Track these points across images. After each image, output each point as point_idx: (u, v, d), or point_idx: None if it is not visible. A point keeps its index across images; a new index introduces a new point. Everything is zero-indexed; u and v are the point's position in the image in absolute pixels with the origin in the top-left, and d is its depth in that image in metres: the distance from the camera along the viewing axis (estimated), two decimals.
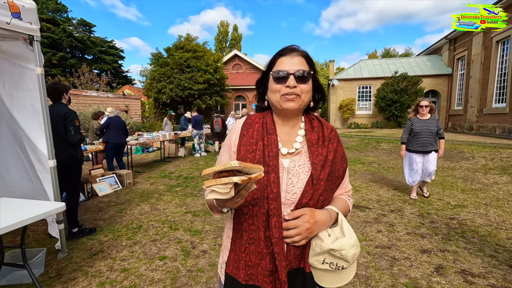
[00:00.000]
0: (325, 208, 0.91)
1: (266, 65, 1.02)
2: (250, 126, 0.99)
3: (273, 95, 0.95)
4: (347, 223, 0.91)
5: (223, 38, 39.27)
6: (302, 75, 0.91)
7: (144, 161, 8.80)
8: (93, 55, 28.99)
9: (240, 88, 23.17)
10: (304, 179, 0.90)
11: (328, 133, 0.98)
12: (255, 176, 0.71)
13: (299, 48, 0.97)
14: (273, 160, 0.89)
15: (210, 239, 3.25)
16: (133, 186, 5.63)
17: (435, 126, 4.31)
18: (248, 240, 0.90)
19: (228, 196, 0.70)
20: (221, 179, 0.68)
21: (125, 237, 3.32)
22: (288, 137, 0.98)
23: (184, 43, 18.68)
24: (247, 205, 0.89)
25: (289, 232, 0.85)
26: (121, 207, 4.37)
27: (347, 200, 1.03)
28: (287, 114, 0.97)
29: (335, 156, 0.95)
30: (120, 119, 6.20)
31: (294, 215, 0.86)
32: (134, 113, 15.02)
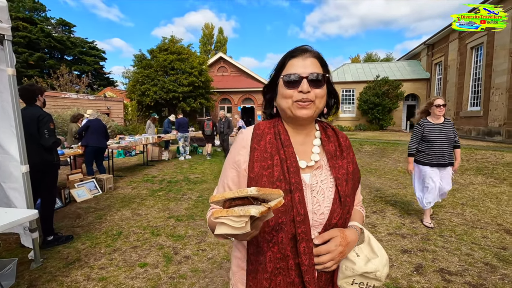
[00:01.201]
0: (350, 226, 0.84)
1: (274, 68, 0.90)
2: (261, 138, 0.86)
3: (283, 101, 0.84)
4: (374, 238, 0.85)
5: (208, 40, 39.10)
6: (317, 78, 0.81)
7: (126, 165, 8.57)
8: (73, 56, 28.12)
9: (225, 91, 23.10)
10: (330, 196, 0.81)
11: (344, 142, 0.90)
12: (275, 204, 0.60)
13: (311, 48, 0.87)
14: (295, 176, 0.78)
15: (193, 244, 3.18)
16: (114, 191, 5.46)
17: (451, 133, 3.40)
18: (274, 270, 0.78)
19: (243, 232, 0.58)
20: (234, 209, 0.57)
21: (104, 244, 3.20)
22: (303, 148, 0.87)
23: (169, 45, 18.43)
24: (269, 231, 0.78)
25: (322, 259, 0.75)
26: (100, 213, 4.22)
27: (362, 210, 0.97)
28: (300, 123, 0.86)
29: (354, 167, 0.87)
30: (101, 122, 6.01)
31: (324, 238, 0.77)
32: (116, 116, 14.64)
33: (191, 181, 6.31)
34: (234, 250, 0.92)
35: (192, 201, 4.82)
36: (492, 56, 11.44)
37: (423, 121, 3.52)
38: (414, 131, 3.59)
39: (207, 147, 9.76)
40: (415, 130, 3.57)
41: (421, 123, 3.52)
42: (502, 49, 10.82)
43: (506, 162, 6.54)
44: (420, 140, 3.53)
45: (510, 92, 10.55)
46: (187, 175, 6.96)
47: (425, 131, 3.45)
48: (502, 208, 4.21)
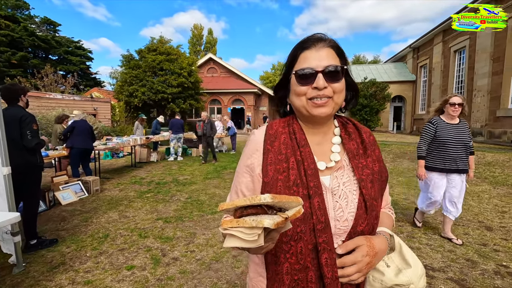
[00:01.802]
0: (379, 232, 0.74)
1: (285, 63, 0.80)
2: (275, 139, 0.78)
3: (297, 100, 0.75)
4: (407, 246, 0.74)
5: (198, 41, 38.92)
6: (334, 71, 0.71)
7: (114, 166, 8.42)
8: (58, 56, 27.44)
9: (215, 92, 23.02)
10: (354, 200, 0.72)
11: (367, 138, 0.81)
12: (293, 214, 0.52)
13: (326, 37, 0.76)
14: (313, 179, 0.71)
15: (181, 246, 3.16)
16: (100, 193, 5.36)
17: (467, 136, 3.00)
18: (292, 283, 0.71)
19: (255, 245, 0.51)
20: (246, 220, 0.50)
21: (90, 247, 3.14)
22: (321, 148, 0.79)
23: (157, 46, 18.25)
24: (287, 241, 0.70)
25: (347, 271, 0.67)
26: (86, 216, 4.13)
27: (391, 214, 0.85)
28: (317, 121, 0.77)
29: (380, 165, 0.78)
30: (86, 123, 5.89)
31: (348, 247, 0.68)
32: (103, 117, 14.36)
33: (180, 182, 6.26)
34: (250, 256, 0.84)
35: (181, 202, 4.79)
36: (474, 60, 11.83)
37: (435, 119, 3.08)
38: (424, 130, 3.13)
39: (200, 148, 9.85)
40: (426, 129, 3.11)
41: (433, 121, 3.08)
42: (484, 53, 11.21)
43: (487, 162, 6.77)
44: (431, 141, 3.10)
45: (492, 94, 10.93)
46: (176, 176, 6.90)
47: (438, 130, 3.02)
48: (483, 206, 4.35)
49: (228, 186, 5.83)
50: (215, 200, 4.87)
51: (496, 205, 4.39)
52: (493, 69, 10.77)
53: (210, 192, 5.42)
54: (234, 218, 0.53)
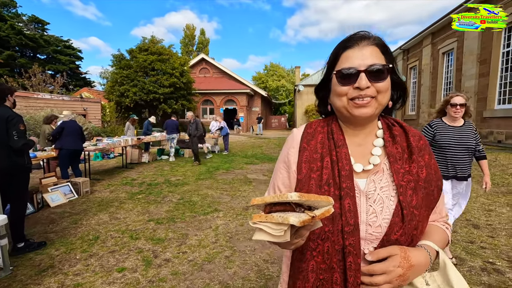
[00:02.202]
0: (420, 245, 0.69)
1: (326, 62, 0.78)
2: (312, 137, 0.78)
3: (338, 100, 0.73)
4: (454, 266, 0.67)
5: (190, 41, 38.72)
6: (378, 70, 0.68)
7: (104, 168, 8.30)
8: (46, 55, 26.90)
9: (207, 92, 22.94)
10: (390, 207, 0.68)
11: (416, 143, 0.75)
12: (321, 213, 0.53)
13: (370, 34, 0.73)
14: (346, 180, 0.69)
15: (173, 247, 3.14)
16: (90, 195, 5.28)
17: (472, 139, 2.69)
18: (317, 282, 0.70)
19: (281, 240, 0.54)
20: (273, 215, 0.53)
21: (79, 249, 3.09)
22: (361, 150, 0.76)
23: (149, 45, 18.09)
24: (314, 239, 0.69)
25: (375, 279, 0.63)
26: (76, 218, 4.06)
27: (445, 229, 0.77)
28: (359, 122, 0.75)
29: (429, 172, 0.72)
30: (76, 124, 5.79)
31: (380, 255, 0.64)
32: (94, 117, 14.14)
33: (172, 183, 6.21)
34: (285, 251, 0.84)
35: (173, 203, 4.75)
36: (462, 62, 12.10)
37: (435, 121, 2.80)
38: (423, 132, 2.81)
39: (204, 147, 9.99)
40: (424, 131, 2.84)
41: (432, 123, 2.81)
42: (471, 55, 11.48)
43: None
44: (430, 144, 2.74)
45: (479, 96, 11.20)
46: (168, 177, 6.85)
47: (437, 133, 2.73)
48: (470, 204, 4.45)
49: (221, 187, 5.82)
50: (207, 201, 4.85)
51: (483, 203, 4.50)
52: (480, 71, 11.04)
53: (203, 193, 5.40)
54: (263, 213, 0.55)
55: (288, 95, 38.81)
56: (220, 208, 4.46)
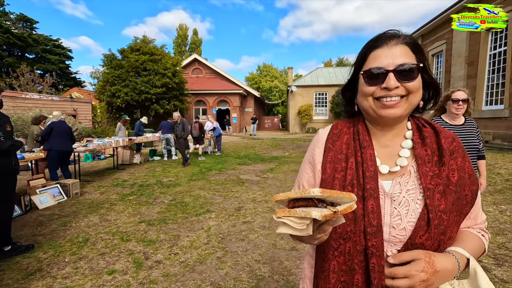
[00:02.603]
0: (449, 251, 0.66)
1: (354, 62, 0.77)
2: (338, 138, 0.77)
3: (364, 100, 0.72)
4: (485, 275, 0.64)
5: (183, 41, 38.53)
6: (407, 69, 0.66)
7: (95, 169, 8.18)
8: (35, 54, 26.40)
9: (200, 92, 22.85)
10: (416, 210, 0.66)
11: (448, 145, 0.72)
12: (343, 209, 0.54)
13: (399, 33, 0.71)
14: (370, 182, 0.68)
15: (165, 249, 3.11)
16: (80, 197, 5.19)
17: (476, 138, 2.49)
18: (337, 283, 0.69)
19: (304, 234, 0.55)
20: (296, 210, 0.54)
21: (68, 252, 3.04)
22: (388, 151, 0.75)
23: (141, 45, 17.93)
24: (337, 238, 0.69)
25: (398, 283, 0.62)
26: (65, 220, 3.99)
27: (481, 236, 0.73)
28: (386, 123, 0.73)
29: (461, 176, 0.69)
30: (65, 124, 5.70)
31: (403, 258, 0.63)
32: (84, 118, 13.93)
33: (164, 184, 6.16)
34: (309, 247, 0.84)
35: (164, 204, 4.71)
36: (451, 63, 12.35)
37: (435, 120, 2.52)
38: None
39: (200, 148, 10.02)
40: None
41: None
42: (459, 57, 11.73)
43: None
44: None
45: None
46: (160, 178, 6.79)
47: None
48: None
49: (213, 188, 5.80)
50: (199, 202, 4.83)
51: None
52: (468, 72, 11.28)
53: (195, 193, 5.37)
54: (286, 209, 0.57)
55: (281, 95, 38.95)
56: (213, 209, 4.44)
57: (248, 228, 3.66)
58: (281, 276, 2.57)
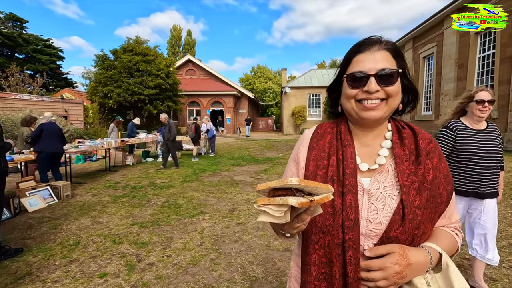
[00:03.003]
0: (422, 246, 0.70)
1: (339, 65, 0.81)
2: (322, 137, 0.82)
3: (347, 102, 0.76)
4: (456, 269, 0.67)
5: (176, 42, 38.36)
6: (388, 74, 0.70)
7: (86, 171, 8.07)
8: (25, 54, 25.96)
9: (194, 93, 22.76)
10: (392, 205, 0.70)
11: (425, 146, 0.76)
12: (320, 198, 0.56)
13: (381, 39, 0.75)
14: (349, 178, 0.72)
15: (158, 251, 3.09)
16: (71, 199, 5.12)
17: (499, 145, 2.17)
18: (318, 275, 0.72)
19: (282, 221, 0.58)
20: (275, 198, 0.57)
21: (59, 255, 2.99)
22: (368, 150, 0.79)
23: (133, 46, 17.79)
24: (317, 232, 0.72)
25: (372, 275, 0.65)
26: (55, 223, 3.92)
27: (454, 235, 0.77)
28: (367, 124, 0.77)
29: (436, 175, 0.73)
30: (55, 125, 5.61)
31: (378, 252, 0.66)
32: (76, 119, 13.74)
33: (157, 186, 6.11)
34: (296, 246, 0.88)
35: (157, 206, 4.68)
36: (441, 66, 12.56)
37: (454, 123, 2.23)
38: (439, 139, 2.25)
39: (194, 149, 10.04)
40: (442, 137, 2.24)
41: (451, 126, 2.22)
42: (449, 59, 11.93)
43: None
44: (449, 153, 2.21)
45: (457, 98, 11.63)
46: (153, 180, 6.73)
47: (458, 139, 2.16)
48: None
49: (207, 189, 5.77)
50: (193, 204, 4.80)
51: None
52: (458, 74, 11.49)
53: (188, 195, 5.34)
54: (267, 197, 0.59)
55: (275, 97, 39.05)
56: (206, 211, 4.43)
57: (242, 230, 3.66)
58: (275, 277, 2.57)
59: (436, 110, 13.19)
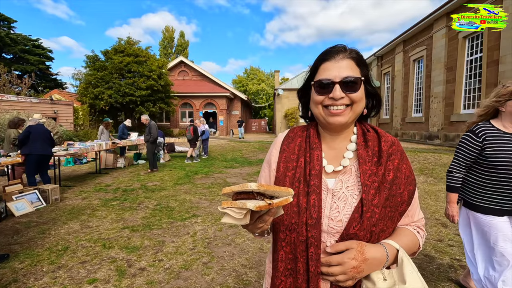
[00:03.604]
0: (380, 243, 0.73)
1: (307, 72, 0.86)
2: (292, 140, 0.86)
3: (315, 108, 0.80)
4: (412, 264, 0.70)
5: (169, 44, 38.12)
6: (351, 81, 0.75)
7: (76, 173, 7.92)
8: (13, 54, 25.42)
9: (186, 95, 22.62)
10: (353, 203, 0.74)
11: (387, 148, 0.79)
12: (279, 201, 0.60)
13: (345, 48, 0.79)
14: (314, 179, 0.76)
15: (149, 255, 3.04)
16: (60, 203, 5.00)
17: None
18: (285, 271, 0.77)
19: (243, 222, 0.62)
20: (236, 202, 0.60)
21: (47, 261, 2.91)
22: (335, 153, 0.83)
23: (125, 47, 17.59)
24: (284, 230, 0.77)
25: (332, 269, 0.69)
26: (43, 228, 3.83)
27: (416, 233, 0.81)
28: (334, 129, 0.81)
29: (396, 176, 0.76)
30: (44, 127, 5.49)
31: (338, 248, 0.70)
32: (65, 121, 13.48)
33: (148, 189, 6.03)
34: (271, 245, 0.91)
35: (149, 209, 4.61)
36: (431, 68, 12.79)
37: (482, 127, 1.86)
38: (462, 145, 1.93)
39: (190, 151, 10.03)
40: (464, 144, 1.91)
41: (478, 130, 1.87)
42: (438, 62, 12.16)
43: (443, 163, 7.32)
44: (475, 162, 1.90)
45: (446, 101, 11.86)
46: (145, 182, 6.65)
47: (488, 146, 1.80)
48: (439, 204, 4.69)
49: (199, 192, 5.73)
50: (185, 206, 4.75)
51: None
52: (447, 77, 11.72)
53: (181, 198, 5.29)
54: (230, 201, 0.63)
55: (268, 98, 39.13)
56: (199, 214, 4.38)
57: (235, 233, 3.63)
58: None
59: (426, 112, 13.41)
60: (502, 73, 8.83)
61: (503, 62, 8.77)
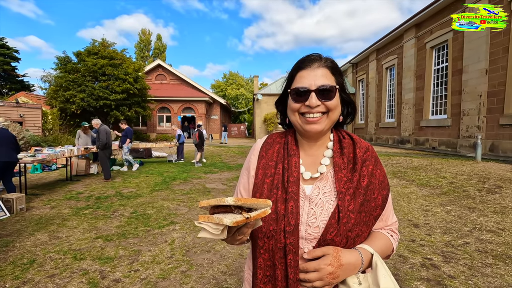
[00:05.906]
0: (355, 248, 0.75)
1: (284, 81, 0.87)
2: (271, 147, 0.87)
3: (292, 115, 0.81)
4: (385, 268, 0.72)
5: (145, 46, 37.32)
6: (327, 89, 0.76)
7: (44, 181, 7.47)
8: None
9: (164, 99, 22.19)
10: (329, 210, 0.75)
11: (361, 154, 0.81)
12: (257, 214, 0.60)
13: (321, 57, 0.81)
14: (292, 186, 0.77)
15: (124, 266, 2.91)
16: (26, 213, 4.69)
17: None
18: (264, 278, 0.77)
19: (220, 238, 0.60)
20: (213, 216, 0.59)
21: (10, 276, 2.71)
22: (312, 159, 0.84)
23: (99, 49, 16.99)
24: (262, 237, 0.77)
25: (309, 276, 0.70)
26: (6, 240, 3.56)
27: (390, 236, 0.83)
28: (311, 136, 0.82)
29: (371, 181, 0.78)
30: (8, 132, 5.14)
31: (315, 254, 0.71)
32: (33, 125, 12.72)
33: (124, 196, 5.81)
34: (249, 251, 0.91)
35: (124, 218, 4.44)
36: (402, 76, 13.46)
37: None
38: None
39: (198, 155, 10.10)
40: None
41: None
42: (409, 71, 12.83)
43: (414, 166, 7.68)
44: None
45: (416, 107, 12.51)
46: (120, 189, 6.40)
47: None
48: (411, 206, 4.90)
49: (178, 198, 5.60)
50: (163, 214, 4.62)
51: (421, 204, 4.99)
52: (417, 85, 12.39)
53: (158, 205, 5.14)
54: (207, 215, 0.61)
55: (247, 103, 39.26)
56: (177, 221, 4.28)
57: (214, 239, 3.58)
58: None
59: (398, 117, 14.06)
60: (465, 81, 9.48)
61: (466, 72, 9.42)
